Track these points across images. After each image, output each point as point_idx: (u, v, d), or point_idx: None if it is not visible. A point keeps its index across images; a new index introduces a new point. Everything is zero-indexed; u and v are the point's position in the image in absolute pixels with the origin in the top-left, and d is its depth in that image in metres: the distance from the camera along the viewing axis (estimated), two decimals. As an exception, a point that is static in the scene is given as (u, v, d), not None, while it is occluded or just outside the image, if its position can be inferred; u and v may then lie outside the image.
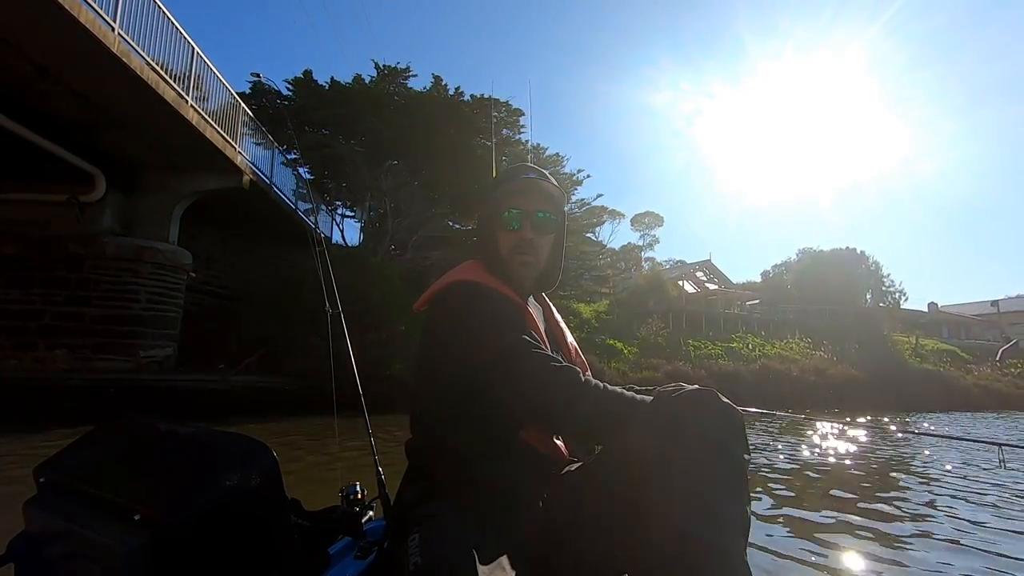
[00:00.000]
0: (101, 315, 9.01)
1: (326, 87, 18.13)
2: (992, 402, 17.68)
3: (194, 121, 8.40)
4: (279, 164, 12.97)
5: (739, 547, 0.77)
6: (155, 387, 8.62)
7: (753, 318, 24.11)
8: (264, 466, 0.86)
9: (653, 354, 16.07)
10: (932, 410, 15.04)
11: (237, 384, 9.52)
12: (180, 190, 9.91)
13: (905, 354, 21.37)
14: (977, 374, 20.57)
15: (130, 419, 1.00)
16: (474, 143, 18.64)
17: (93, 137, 8.47)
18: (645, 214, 37.56)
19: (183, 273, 10.19)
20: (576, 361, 1.26)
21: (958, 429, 9.41)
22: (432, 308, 1.16)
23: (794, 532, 2.87)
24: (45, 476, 0.91)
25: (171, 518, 0.74)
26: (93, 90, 7.24)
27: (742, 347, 18.76)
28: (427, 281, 13.79)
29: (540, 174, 1.24)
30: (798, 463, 5.17)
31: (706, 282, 30.99)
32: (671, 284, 24.47)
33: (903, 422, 10.50)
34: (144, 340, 9.31)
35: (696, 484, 0.78)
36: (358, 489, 1.47)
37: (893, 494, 3.79)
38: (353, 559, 1.16)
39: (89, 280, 9.05)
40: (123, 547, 0.71)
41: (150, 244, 9.55)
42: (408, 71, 18.81)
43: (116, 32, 6.60)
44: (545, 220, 1.22)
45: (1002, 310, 36.73)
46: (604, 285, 25.88)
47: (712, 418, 0.82)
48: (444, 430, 1.08)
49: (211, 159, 9.52)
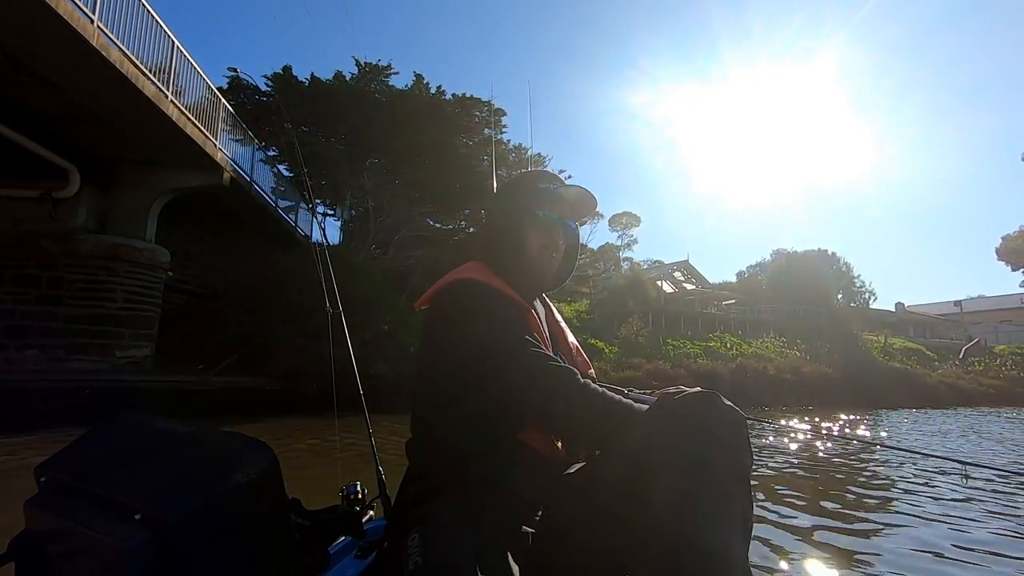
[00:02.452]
0: (75, 314, 8.75)
1: (306, 84, 17.87)
2: (956, 399, 18.35)
3: (174, 117, 8.22)
4: (258, 161, 12.77)
5: (741, 550, 0.78)
6: (133, 388, 8.40)
7: (730, 318, 24.56)
8: (264, 465, 0.87)
9: (634, 353, 16.26)
10: (901, 407, 15.54)
11: (217, 385, 9.35)
12: (158, 187, 9.66)
13: (875, 353, 22.01)
14: (942, 372, 21.29)
15: (130, 418, 1.00)
16: (456, 142, 18.59)
17: (68, 131, 8.22)
18: (623, 214, 37.89)
19: (161, 271, 9.95)
20: (577, 361, 1.26)
21: (931, 427, 9.74)
22: (432, 306, 1.16)
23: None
24: (46, 475, 0.90)
25: (171, 517, 0.74)
26: (70, 84, 7.03)
27: (720, 346, 19.10)
28: (410, 281, 13.72)
29: (571, 182, 1.26)
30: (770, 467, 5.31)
31: (684, 282, 31.42)
32: (650, 284, 24.75)
33: (874, 424, 10.84)
34: (121, 340, 9.07)
35: (698, 487, 0.78)
36: (358, 488, 1.46)
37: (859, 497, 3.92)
38: (353, 559, 1.17)
39: (63, 278, 8.77)
40: (124, 546, 0.71)
41: (127, 242, 9.29)
42: (390, 69, 18.65)
43: (95, 25, 6.43)
44: (574, 231, 1.27)
45: (965, 310, 38.10)
46: (584, 285, 26.05)
47: (715, 420, 0.82)
48: (444, 430, 1.08)
49: (191, 156, 9.32)
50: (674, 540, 0.76)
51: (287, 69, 17.78)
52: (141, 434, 0.96)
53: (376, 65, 18.49)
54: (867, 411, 13.73)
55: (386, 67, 18.57)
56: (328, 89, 17.68)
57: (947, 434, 8.53)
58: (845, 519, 3.18)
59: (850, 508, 3.48)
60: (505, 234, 1.24)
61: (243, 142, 11.83)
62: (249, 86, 17.07)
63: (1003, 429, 9.43)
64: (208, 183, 9.92)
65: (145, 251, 9.50)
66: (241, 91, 16.58)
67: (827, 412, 12.52)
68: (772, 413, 12.19)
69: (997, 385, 20.76)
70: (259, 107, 16.74)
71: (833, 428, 9.08)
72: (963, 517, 3.23)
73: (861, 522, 3.12)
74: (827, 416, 11.46)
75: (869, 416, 12.19)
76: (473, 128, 19.29)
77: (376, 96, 18.18)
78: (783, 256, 31.25)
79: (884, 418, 11.84)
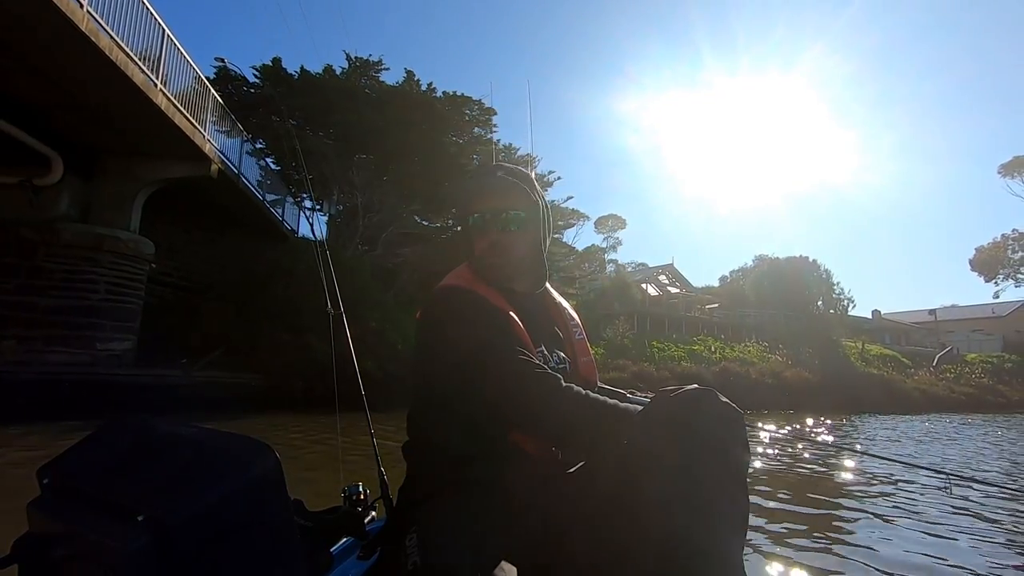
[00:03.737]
0: (55, 305, 8.50)
1: (295, 76, 17.64)
2: (930, 405, 18.84)
3: (163, 106, 8.06)
4: (245, 154, 12.58)
5: (737, 549, 0.79)
6: (113, 382, 8.23)
7: (714, 321, 24.89)
8: (266, 466, 0.86)
9: (619, 355, 16.39)
10: (879, 412, 15.89)
11: (200, 380, 9.20)
12: (143, 177, 9.46)
13: (853, 358, 22.49)
14: (917, 378, 21.85)
15: (132, 420, 1.00)
16: (446, 140, 18.50)
17: (52, 118, 8.00)
18: (608, 217, 38.26)
19: (145, 263, 9.75)
20: (581, 358, 1.25)
21: (913, 434, 9.95)
22: (423, 313, 1.16)
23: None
24: (48, 477, 0.90)
25: (174, 519, 0.74)
26: (57, 70, 6.85)
27: (703, 349, 19.35)
28: (398, 278, 13.63)
29: (506, 171, 1.19)
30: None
31: (668, 285, 31.74)
32: (636, 287, 24.97)
33: (855, 433, 11.04)
34: (102, 332, 8.85)
35: (695, 485, 0.78)
36: (360, 489, 1.46)
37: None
38: (356, 559, 1.18)
39: (43, 268, 8.53)
40: (126, 548, 0.71)
41: (110, 232, 9.07)
42: (380, 64, 18.48)
43: (85, 9, 6.26)
44: (512, 218, 1.16)
45: (939, 319, 39.05)
46: (571, 286, 26.16)
47: (712, 419, 0.82)
48: (436, 431, 1.09)
49: (178, 146, 9.14)
50: (671, 538, 0.77)
51: (276, 61, 17.53)
52: (143, 437, 0.95)
53: (367, 60, 18.32)
54: (846, 415, 14.01)
55: (377, 62, 18.41)
56: (318, 83, 17.47)
57: (936, 439, 8.74)
58: (819, 526, 3.24)
59: (826, 510, 3.55)
60: (464, 240, 1.24)
61: (230, 134, 11.64)
62: (237, 77, 16.83)
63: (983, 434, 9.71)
64: (195, 174, 9.74)
65: (129, 242, 9.30)
66: (228, 82, 16.33)
67: (807, 417, 12.74)
68: (752, 417, 12.36)
69: (968, 392, 21.39)
70: (246, 99, 16.49)
71: (817, 432, 9.25)
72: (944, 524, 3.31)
73: (837, 530, 3.18)
74: (801, 419, 11.67)
75: (845, 420, 12.44)
76: (463, 126, 19.22)
77: (366, 92, 18.02)
78: (765, 262, 31.71)
79: (862, 422, 12.10)
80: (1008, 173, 35.46)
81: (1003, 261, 35.45)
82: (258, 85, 17.39)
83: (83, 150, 8.89)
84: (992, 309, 38.62)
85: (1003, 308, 37.93)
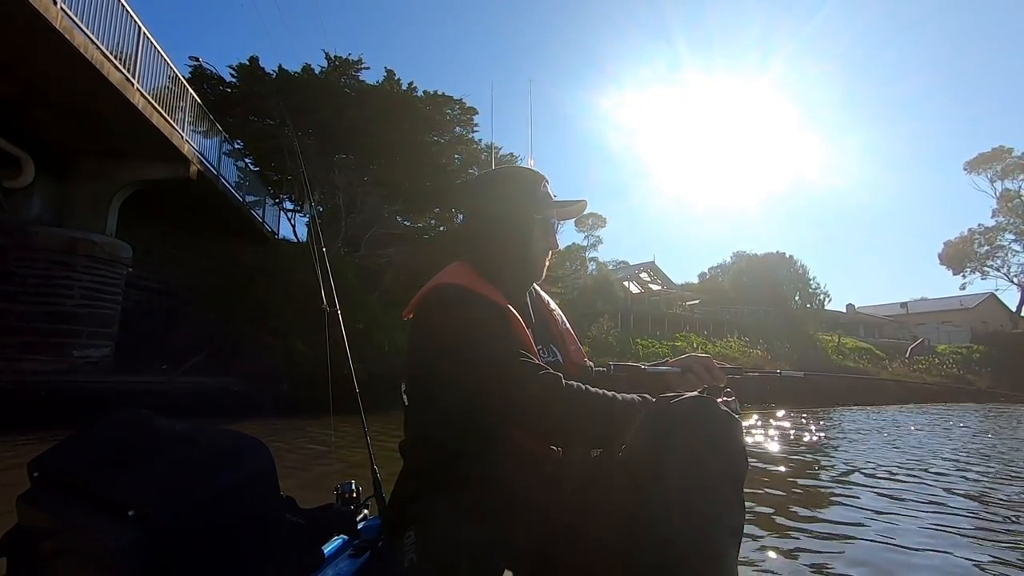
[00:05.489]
0: (28, 312, 8.23)
1: (273, 75, 17.34)
2: (906, 396, 19.34)
3: (140, 106, 7.85)
4: (223, 154, 12.34)
5: (732, 554, 0.81)
6: (92, 389, 7.99)
7: (695, 318, 25.21)
8: (259, 464, 0.87)
9: (604, 353, 16.51)
10: (856, 404, 16.26)
11: (183, 385, 8.99)
12: (120, 178, 9.21)
13: (829, 351, 23.00)
14: (891, 370, 22.44)
15: (125, 415, 0.98)
16: (427, 140, 18.40)
17: (24, 118, 7.75)
18: (589, 215, 38.32)
19: (122, 267, 9.49)
20: (570, 347, 1.32)
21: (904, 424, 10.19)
22: (417, 312, 1.15)
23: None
24: (39, 471, 0.89)
25: (165, 515, 0.74)
26: (29, 68, 6.63)
27: (686, 346, 19.59)
28: (383, 279, 13.49)
29: (582, 201, 1.29)
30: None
31: (650, 283, 32.05)
32: (618, 285, 25.17)
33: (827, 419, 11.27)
34: (78, 339, 8.61)
35: (694, 491, 0.79)
36: (353, 487, 1.48)
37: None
38: (348, 557, 1.18)
39: (14, 273, 8.24)
40: (116, 543, 0.71)
41: (85, 235, 8.81)
42: (360, 63, 18.25)
43: (58, 6, 6.08)
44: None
45: (910, 311, 40.22)
46: (555, 285, 26.24)
47: (711, 426, 0.83)
48: (434, 430, 1.09)
49: (156, 147, 8.92)
50: (668, 542, 0.78)
51: (253, 60, 17.20)
52: (136, 431, 0.95)
53: (346, 59, 18.11)
54: (826, 408, 14.31)
55: (356, 61, 18.18)
56: (296, 82, 17.21)
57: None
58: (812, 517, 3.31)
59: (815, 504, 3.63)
60: (506, 231, 1.22)
61: (208, 134, 11.39)
62: (213, 76, 16.48)
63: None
64: (174, 176, 9.51)
65: (105, 245, 9.04)
66: (204, 81, 15.95)
67: (790, 410, 12.98)
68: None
69: (940, 383, 22.04)
70: (222, 98, 16.15)
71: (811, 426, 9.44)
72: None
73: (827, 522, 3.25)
74: (788, 412, 11.89)
75: (825, 412, 12.71)
76: (444, 126, 19.10)
77: (346, 91, 17.81)
78: (743, 258, 32.28)
79: (842, 415, 12.37)
80: (973, 170, 36.75)
81: (970, 255, 36.66)
82: (235, 84, 17.06)
83: (56, 151, 8.62)
84: (960, 301, 39.86)
85: (970, 300, 39.19)
